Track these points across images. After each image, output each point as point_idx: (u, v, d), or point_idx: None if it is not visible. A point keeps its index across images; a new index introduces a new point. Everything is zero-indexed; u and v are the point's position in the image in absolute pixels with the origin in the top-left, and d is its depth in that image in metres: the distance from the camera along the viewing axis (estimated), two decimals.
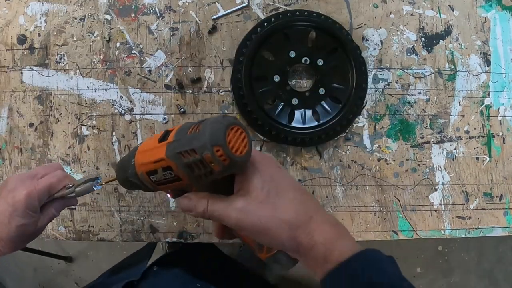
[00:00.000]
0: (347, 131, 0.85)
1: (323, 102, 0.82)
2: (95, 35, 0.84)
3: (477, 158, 0.87)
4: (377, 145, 0.85)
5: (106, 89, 0.84)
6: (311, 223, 0.49)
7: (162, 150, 0.49)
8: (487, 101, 0.88)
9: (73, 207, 0.80)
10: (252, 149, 0.49)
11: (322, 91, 0.82)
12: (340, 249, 0.48)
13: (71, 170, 0.83)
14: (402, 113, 0.86)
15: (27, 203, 0.58)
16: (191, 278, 0.83)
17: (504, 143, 0.88)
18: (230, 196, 0.51)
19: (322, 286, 0.49)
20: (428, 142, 0.86)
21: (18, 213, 0.58)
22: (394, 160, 0.85)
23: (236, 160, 0.46)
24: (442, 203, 0.86)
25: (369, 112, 0.86)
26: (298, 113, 0.82)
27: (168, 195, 0.69)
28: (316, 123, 0.82)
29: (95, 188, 0.63)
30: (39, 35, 0.84)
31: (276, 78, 0.81)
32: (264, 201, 0.48)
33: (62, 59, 0.84)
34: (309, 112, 0.82)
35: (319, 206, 0.53)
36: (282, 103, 0.82)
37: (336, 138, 0.84)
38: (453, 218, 0.87)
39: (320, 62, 0.81)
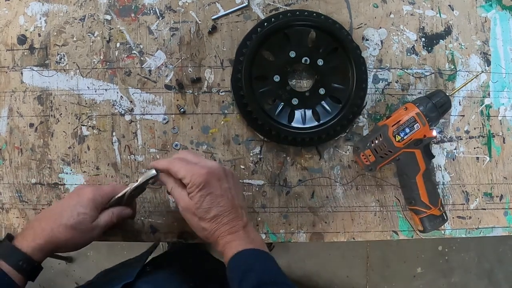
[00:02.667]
0: (347, 131, 0.85)
1: (323, 102, 0.82)
2: (95, 35, 0.84)
3: (477, 158, 0.87)
4: None
5: (106, 89, 0.84)
6: (217, 232, 0.68)
7: None
8: (487, 101, 0.88)
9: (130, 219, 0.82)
10: (201, 165, 0.68)
11: (322, 91, 0.82)
12: (229, 250, 0.67)
13: (71, 170, 0.83)
14: None
15: (92, 197, 0.70)
16: (185, 277, 0.83)
17: (504, 143, 0.88)
18: (185, 191, 0.68)
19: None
20: None
21: (83, 203, 0.69)
22: None
23: None
24: (443, 203, 0.86)
25: (369, 112, 0.86)
26: (298, 113, 0.82)
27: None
28: (316, 123, 0.82)
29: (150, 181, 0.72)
30: (39, 35, 0.84)
31: (276, 78, 0.81)
32: (196, 213, 0.67)
33: (62, 59, 0.84)
34: (309, 112, 0.82)
35: (232, 218, 0.68)
36: (282, 103, 0.82)
37: (336, 138, 0.84)
38: (453, 218, 0.87)
39: (320, 62, 0.81)
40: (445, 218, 0.81)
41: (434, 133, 0.78)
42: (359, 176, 0.85)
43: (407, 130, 0.77)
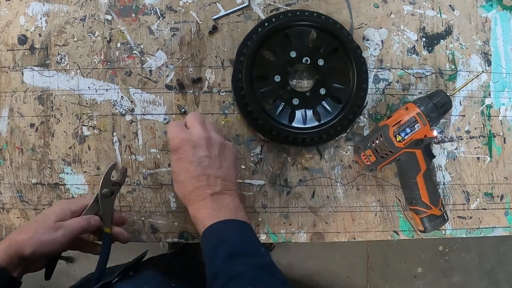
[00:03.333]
0: (348, 131, 0.85)
1: (323, 102, 0.82)
2: (95, 35, 0.84)
3: (478, 158, 0.87)
4: None
5: (106, 90, 0.84)
6: (185, 199, 0.70)
7: None
8: (488, 101, 0.88)
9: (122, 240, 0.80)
10: (176, 134, 0.70)
11: (322, 91, 0.82)
12: (198, 221, 0.68)
13: (72, 170, 0.83)
14: None
15: (55, 208, 0.71)
16: (167, 279, 0.82)
17: (505, 143, 0.88)
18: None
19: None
20: None
21: (45, 214, 0.70)
22: None
23: None
24: (443, 203, 0.86)
25: (370, 112, 0.85)
26: (299, 113, 0.82)
27: None
28: (317, 123, 0.82)
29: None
30: (40, 35, 0.84)
31: (277, 78, 0.81)
32: (171, 174, 0.72)
33: (62, 60, 0.84)
34: (309, 112, 0.82)
35: (201, 185, 0.69)
36: (283, 103, 0.82)
37: (337, 138, 0.84)
38: (454, 218, 0.87)
39: (320, 62, 0.81)
40: (446, 218, 0.81)
41: (435, 133, 0.78)
42: (360, 176, 0.85)
43: (408, 130, 0.77)
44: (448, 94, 0.80)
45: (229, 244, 0.64)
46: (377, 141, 0.78)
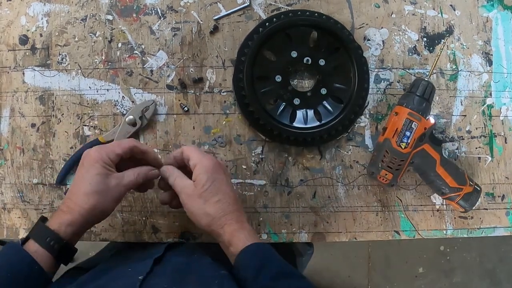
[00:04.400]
0: (349, 131, 0.85)
1: (324, 102, 0.82)
2: (96, 35, 0.84)
3: (479, 158, 0.87)
4: None
5: (108, 90, 0.84)
6: (223, 218, 0.68)
7: None
8: (489, 101, 0.87)
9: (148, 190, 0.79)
10: (210, 156, 0.71)
11: (324, 91, 0.82)
12: (237, 239, 0.68)
13: (73, 170, 0.83)
14: None
15: (96, 157, 0.67)
16: (205, 251, 0.82)
17: (506, 142, 0.88)
18: (190, 180, 0.70)
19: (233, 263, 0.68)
20: None
21: (90, 167, 0.67)
22: None
23: None
24: (444, 203, 0.86)
25: (371, 112, 0.85)
26: (299, 113, 0.82)
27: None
28: (318, 123, 0.82)
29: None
30: (41, 35, 0.84)
31: (278, 78, 0.81)
32: (201, 195, 0.68)
33: (64, 60, 0.84)
34: (311, 112, 0.82)
35: (236, 208, 0.70)
36: (284, 103, 0.82)
37: (338, 138, 0.84)
38: (455, 218, 0.87)
39: (322, 62, 0.81)
40: (479, 189, 0.81)
41: (432, 120, 0.78)
42: (361, 176, 0.85)
43: (408, 133, 0.77)
44: (425, 79, 0.80)
45: (276, 264, 0.66)
46: (385, 159, 0.78)
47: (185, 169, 0.73)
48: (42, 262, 0.63)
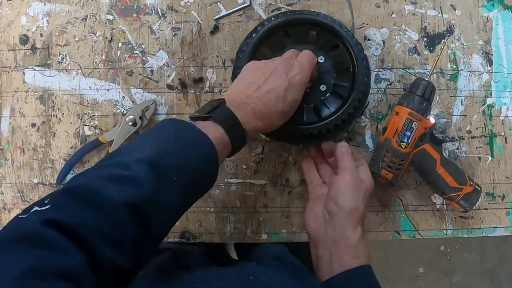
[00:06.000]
0: (349, 131, 0.84)
1: (324, 98, 0.81)
2: (97, 35, 0.84)
3: (479, 158, 0.87)
4: None
5: (108, 89, 0.84)
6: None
7: None
8: (489, 101, 0.87)
9: None
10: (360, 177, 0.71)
11: (323, 87, 0.81)
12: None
13: (73, 170, 0.83)
14: None
15: (303, 82, 0.68)
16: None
17: (506, 142, 0.88)
18: (325, 188, 0.75)
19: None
20: None
21: (295, 90, 0.67)
22: None
23: None
24: (444, 203, 0.86)
25: (371, 112, 0.85)
26: (299, 111, 0.82)
27: None
28: (317, 120, 0.80)
29: None
30: (41, 35, 0.84)
31: None
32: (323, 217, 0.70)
33: (64, 59, 0.84)
34: (310, 109, 0.82)
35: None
36: None
37: (338, 138, 0.84)
38: (455, 218, 0.87)
39: (321, 59, 0.80)
40: (479, 189, 0.81)
41: (432, 120, 0.78)
42: None
43: (408, 133, 0.77)
44: (426, 78, 0.80)
45: None
46: (386, 159, 0.78)
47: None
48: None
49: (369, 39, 0.86)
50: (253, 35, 0.80)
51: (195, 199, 0.61)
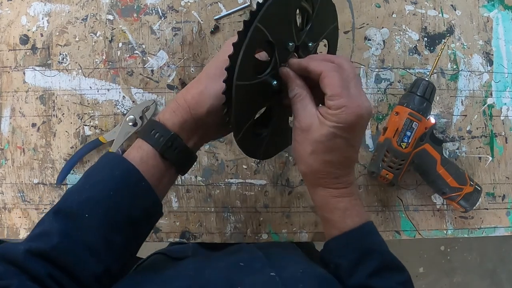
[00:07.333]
0: None
1: None
2: (97, 35, 0.84)
3: (480, 158, 0.87)
4: None
5: (108, 89, 0.84)
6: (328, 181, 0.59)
7: None
8: (489, 101, 0.87)
9: None
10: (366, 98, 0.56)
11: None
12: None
13: (73, 170, 0.83)
14: None
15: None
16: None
17: (506, 142, 0.87)
18: (315, 111, 0.55)
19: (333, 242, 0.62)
20: None
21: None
22: None
23: None
24: (445, 203, 0.86)
25: (372, 112, 0.85)
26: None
27: None
28: None
29: None
30: (42, 35, 0.84)
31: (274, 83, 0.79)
32: (314, 146, 0.55)
33: (64, 59, 0.84)
34: None
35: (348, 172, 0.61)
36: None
37: None
38: (455, 218, 0.86)
39: (310, 44, 0.68)
40: (479, 189, 0.81)
41: (432, 120, 0.79)
42: (362, 176, 0.85)
43: (408, 133, 0.77)
44: (426, 78, 0.80)
45: (381, 258, 0.59)
46: (386, 158, 0.78)
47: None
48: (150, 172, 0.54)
49: (369, 39, 0.86)
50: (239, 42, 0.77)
51: (141, 226, 0.56)
